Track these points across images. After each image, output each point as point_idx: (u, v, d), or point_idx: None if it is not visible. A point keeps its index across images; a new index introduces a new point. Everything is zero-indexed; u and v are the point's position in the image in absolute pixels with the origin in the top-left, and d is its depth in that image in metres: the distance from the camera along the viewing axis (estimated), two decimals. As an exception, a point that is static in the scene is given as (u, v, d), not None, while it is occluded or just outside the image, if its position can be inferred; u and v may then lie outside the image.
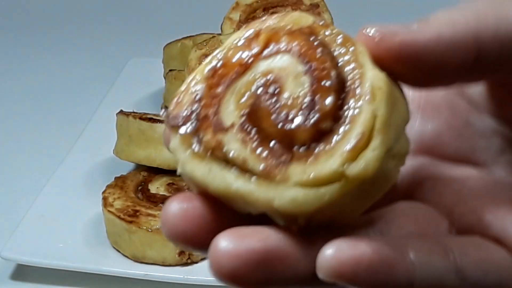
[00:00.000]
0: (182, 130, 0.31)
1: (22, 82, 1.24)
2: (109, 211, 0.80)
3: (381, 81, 0.30)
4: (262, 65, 0.31)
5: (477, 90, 0.37)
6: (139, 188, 0.86)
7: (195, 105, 0.31)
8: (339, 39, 0.31)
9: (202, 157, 0.31)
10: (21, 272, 0.81)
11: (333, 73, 0.30)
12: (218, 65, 0.32)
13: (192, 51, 0.89)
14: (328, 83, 0.30)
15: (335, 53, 0.31)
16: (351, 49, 0.31)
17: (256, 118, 0.30)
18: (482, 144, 0.36)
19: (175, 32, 1.10)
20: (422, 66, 0.31)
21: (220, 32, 0.98)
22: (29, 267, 0.80)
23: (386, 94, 0.30)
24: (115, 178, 0.86)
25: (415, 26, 0.31)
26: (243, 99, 0.31)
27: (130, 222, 0.78)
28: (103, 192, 0.83)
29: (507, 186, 0.35)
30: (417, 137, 0.37)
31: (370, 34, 0.31)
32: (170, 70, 1.02)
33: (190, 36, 1.04)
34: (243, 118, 0.31)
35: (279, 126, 0.30)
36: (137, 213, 0.80)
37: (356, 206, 0.31)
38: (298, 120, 0.30)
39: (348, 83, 0.30)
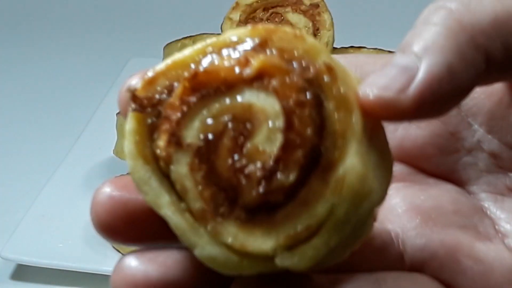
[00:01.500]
0: (139, 118, 0.28)
1: (22, 82, 1.24)
2: (109, 211, 0.80)
3: (355, 176, 0.26)
4: (245, 95, 0.27)
5: (471, 98, 0.34)
6: (139, 188, 0.86)
7: (163, 98, 0.28)
8: (338, 102, 0.27)
9: (147, 160, 0.28)
10: (21, 272, 0.81)
11: (309, 146, 0.26)
12: (204, 70, 0.28)
13: (192, 51, 0.89)
14: (298, 155, 0.26)
15: (326, 119, 0.27)
16: (345, 119, 0.27)
17: (214, 151, 0.27)
18: (467, 160, 0.34)
19: (175, 32, 1.10)
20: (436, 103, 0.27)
21: (220, 32, 0.98)
22: (29, 267, 0.80)
23: (355, 192, 0.26)
24: (115, 178, 0.86)
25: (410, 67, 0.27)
26: (211, 123, 0.27)
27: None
28: (103, 192, 0.83)
29: (478, 211, 0.33)
30: (399, 143, 0.35)
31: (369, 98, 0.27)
32: (170, 70, 1.02)
33: (190, 36, 1.04)
34: (202, 145, 0.27)
35: (232, 174, 0.27)
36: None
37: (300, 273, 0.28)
38: (252, 180, 0.26)
39: (322, 161, 0.26)
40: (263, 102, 0.27)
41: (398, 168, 0.35)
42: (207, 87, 0.27)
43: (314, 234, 0.26)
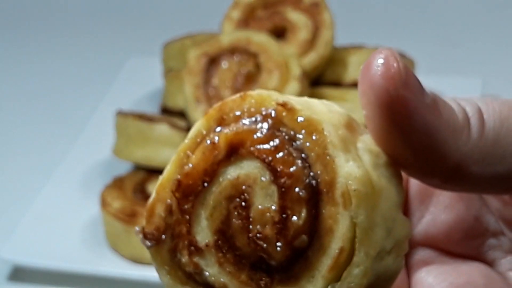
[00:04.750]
0: (159, 250, 0.30)
1: (21, 82, 1.24)
2: (107, 211, 0.80)
3: (355, 180, 0.27)
4: (228, 173, 0.29)
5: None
6: (138, 188, 0.85)
7: (169, 221, 0.30)
8: (305, 128, 0.28)
9: (184, 282, 0.29)
10: (19, 273, 0.81)
11: (302, 180, 0.27)
12: (183, 175, 0.29)
13: (191, 50, 0.88)
14: (297, 193, 0.27)
15: (304, 148, 0.27)
16: (320, 139, 0.27)
17: (229, 236, 0.28)
18: (491, 242, 0.35)
19: (174, 31, 1.09)
20: (418, 144, 0.28)
21: (219, 31, 0.97)
22: (26, 268, 0.79)
23: (363, 194, 0.27)
24: (114, 178, 0.86)
25: (428, 100, 0.28)
26: (214, 215, 0.29)
27: (128, 222, 0.78)
28: (102, 193, 0.83)
29: (509, 286, 0.34)
30: (425, 230, 0.36)
31: (378, 75, 0.28)
32: (170, 70, 1.01)
33: (190, 35, 1.04)
34: (217, 237, 0.29)
35: (253, 245, 0.28)
36: (136, 214, 0.79)
37: None
38: (271, 239, 0.27)
39: (321, 186, 0.27)
40: (247, 168, 0.28)
41: (425, 253, 0.36)
42: (195, 187, 0.29)
43: (351, 253, 0.27)
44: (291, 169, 0.27)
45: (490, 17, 1.33)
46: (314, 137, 0.27)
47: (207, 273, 0.29)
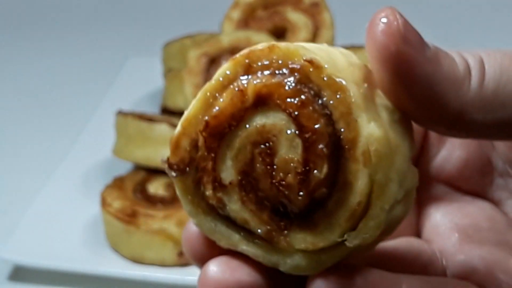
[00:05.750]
0: (184, 180, 0.31)
1: (20, 82, 1.24)
2: (107, 211, 0.80)
3: (376, 141, 0.28)
4: (254, 120, 0.30)
5: None
6: (138, 188, 0.85)
7: (193, 154, 0.31)
8: (330, 86, 0.29)
9: (207, 212, 0.31)
10: (19, 273, 0.81)
11: (325, 137, 0.29)
12: (210, 117, 0.31)
13: (191, 50, 0.88)
14: (320, 149, 0.29)
15: (328, 105, 0.29)
16: (344, 98, 0.29)
17: (253, 178, 0.30)
18: (499, 182, 0.37)
19: (174, 31, 1.09)
20: (416, 93, 0.29)
21: (219, 31, 0.97)
22: (26, 267, 0.79)
23: (382, 154, 0.28)
24: (114, 178, 0.86)
25: (429, 53, 0.30)
26: (239, 156, 0.31)
27: (129, 222, 0.78)
28: (102, 193, 0.83)
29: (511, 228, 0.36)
30: (440, 165, 0.38)
31: (380, 27, 0.30)
32: (169, 70, 1.01)
33: (190, 35, 1.04)
34: (241, 177, 0.30)
35: (276, 190, 0.30)
36: (136, 214, 0.79)
37: (364, 251, 0.31)
38: (293, 187, 0.29)
39: (343, 143, 0.29)
40: (273, 119, 0.30)
41: (437, 189, 0.38)
42: (221, 128, 0.30)
43: (367, 206, 0.29)
44: (316, 126, 0.29)
45: (489, 17, 1.33)
46: (338, 96, 0.29)
47: (229, 208, 0.31)
